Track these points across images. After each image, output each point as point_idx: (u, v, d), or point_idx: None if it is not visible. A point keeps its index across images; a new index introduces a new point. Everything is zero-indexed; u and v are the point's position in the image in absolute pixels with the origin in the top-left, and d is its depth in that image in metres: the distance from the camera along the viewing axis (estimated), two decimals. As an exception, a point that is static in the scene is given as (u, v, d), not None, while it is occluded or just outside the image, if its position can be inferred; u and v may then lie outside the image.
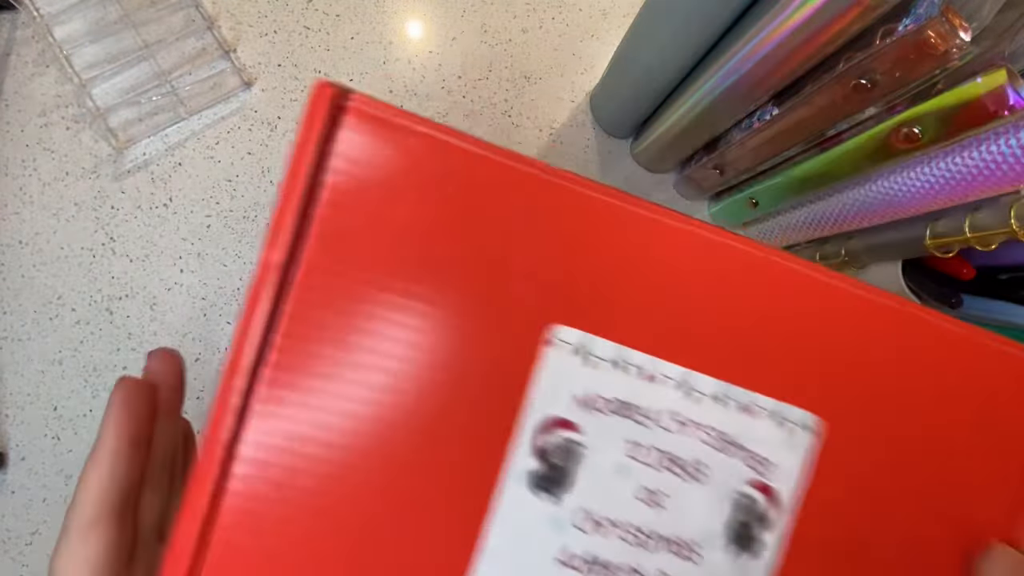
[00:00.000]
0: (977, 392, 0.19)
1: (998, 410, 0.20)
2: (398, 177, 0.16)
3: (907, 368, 0.19)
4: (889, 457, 0.19)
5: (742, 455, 0.18)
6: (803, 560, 0.18)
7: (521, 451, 0.17)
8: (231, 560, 0.16)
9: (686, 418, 0.18)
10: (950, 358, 0.19)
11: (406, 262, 0.16)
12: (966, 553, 0.19)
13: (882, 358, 0.19)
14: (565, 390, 0.17)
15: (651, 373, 0.18)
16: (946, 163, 0.27)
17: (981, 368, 0.20)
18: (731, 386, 0.18)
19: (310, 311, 0.16)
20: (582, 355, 0.17)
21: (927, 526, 0.19)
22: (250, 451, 0.16)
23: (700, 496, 0.18)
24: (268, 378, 0.16)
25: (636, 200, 0.17)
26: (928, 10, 0.23)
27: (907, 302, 0.19)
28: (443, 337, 0.17)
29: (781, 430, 0.19)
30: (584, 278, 0.17)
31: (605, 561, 0.18)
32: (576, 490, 0.17)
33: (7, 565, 0.33)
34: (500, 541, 0.17)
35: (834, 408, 0.18)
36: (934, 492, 0.19)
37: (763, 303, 0.18)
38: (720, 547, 0.18)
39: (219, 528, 0.16)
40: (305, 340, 0.16)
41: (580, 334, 0.17)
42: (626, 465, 0.18)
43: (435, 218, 0.16)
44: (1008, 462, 0.19)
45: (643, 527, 0.18)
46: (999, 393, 0.20)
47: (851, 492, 0.19)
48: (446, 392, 0.17)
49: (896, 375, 0.19)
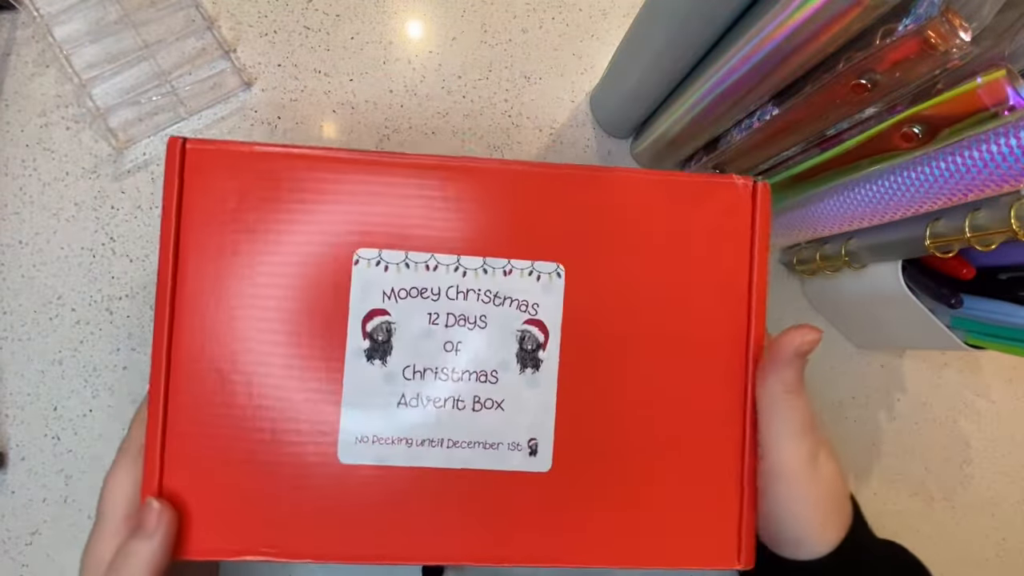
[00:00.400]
0: (689, 225, 0.27)
1: (713, 235, 0.27)
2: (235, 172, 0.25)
3: (625, 218, 0.26)
4: (627, 281, 0.26)
5: (514, 303, 0.26)
6: (573, 366, 0.26)
7: (354, 335, 0.25)
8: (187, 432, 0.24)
9: (464, 288, 0.26)
10: (656, 202, 0.27)
11: (260, 217, 0.25)
12: (705, 337, 0.26)
13: (606, 215, 0.26)
14: (375, 289, 0.25)
15: (432, 264, 0.26)
16: (946, 163, 0.27)
17: (685, 206, 0.27)
18: (492, 259, 0.26)
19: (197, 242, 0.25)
20: (381, 264, 0.25)
21: (668, 325, 0.26)
22: (182, 358, 0.24)
23: (489, 338, 0.26)
24: (182, 292, 0.24)
25: (401, 155, 0.25)
26: (928, 10, 0.23)
27: (614, 169, 0.27)
28: (292, 265, 0.25)
29: (538, 280, 0.26)
30: (372, 214, 0.25)
31: (431, 396, 0.25)
32: (398, 354, 0.25)
33: (7, 565, 0.33)
34: (354, 398, 0.25)
35: (574, 257, 0.26)
36: (668, 301, 0.26)
37: (505, 199, 0.26)
38: (513, 369, 0.26)
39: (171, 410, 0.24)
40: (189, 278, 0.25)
41: (375, 251, 0.25)
42: (429, 329, 0.25)
43: (264, 194, 0.25)
44: (731, 284, 0.26)
45: (453, 368, 0.25)
46: (710, 224, 0.27)
47: (601, 310, 0.26)
48: (301, 299, 0.25)
49: (617, 225, 0.26)
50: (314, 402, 0.25)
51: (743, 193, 0.26)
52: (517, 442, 0.25)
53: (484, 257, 0.26)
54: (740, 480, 0.26)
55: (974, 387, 0.48)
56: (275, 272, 0.25)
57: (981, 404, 0.48)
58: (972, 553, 0.46)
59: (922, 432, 0.46)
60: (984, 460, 0.47)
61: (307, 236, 0.25)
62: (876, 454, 0.45)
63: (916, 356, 0.47)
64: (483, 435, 0.25)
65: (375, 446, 0.25)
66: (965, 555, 0.46)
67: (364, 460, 0.25)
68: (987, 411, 0.48)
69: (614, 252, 0.26)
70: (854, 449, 0.45)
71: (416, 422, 0.25)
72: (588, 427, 0.26)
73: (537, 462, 0.25)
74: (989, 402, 0.48)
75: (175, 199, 0.24)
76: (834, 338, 0.45)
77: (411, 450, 0.25)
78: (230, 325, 0.25)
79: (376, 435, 0.25)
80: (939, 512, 0.46)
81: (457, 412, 0.25)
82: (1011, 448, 0.48)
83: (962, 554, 0.46)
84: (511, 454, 0.25)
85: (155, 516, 0.23)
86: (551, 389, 0.26)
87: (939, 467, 0.46)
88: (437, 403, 0.25)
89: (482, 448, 0.25)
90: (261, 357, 0.25)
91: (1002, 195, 0.27)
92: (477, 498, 0.25)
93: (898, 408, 0.46)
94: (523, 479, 0.25)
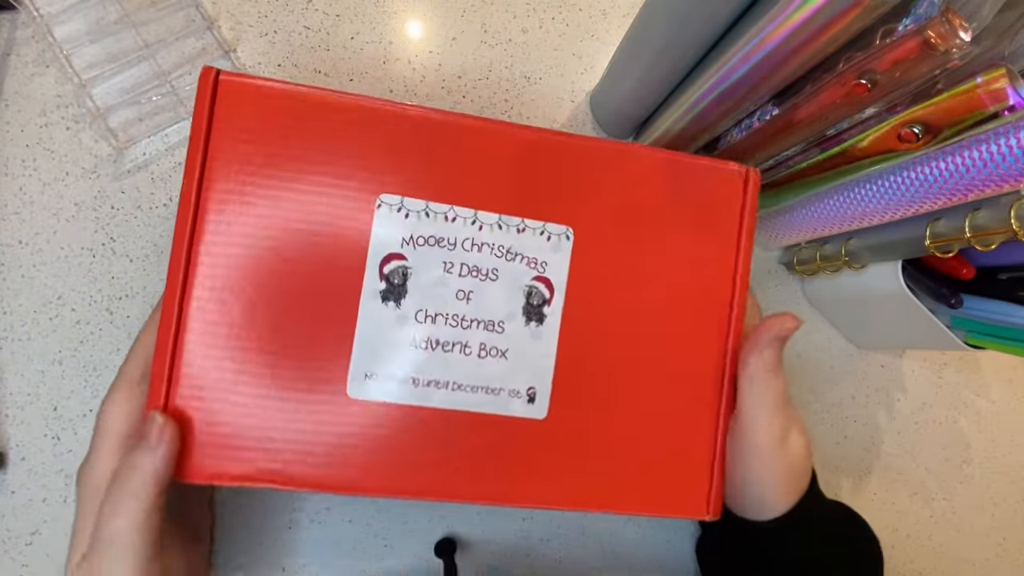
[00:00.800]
0: (687, 200, 0.29)
1: (707, 215, 0.29)
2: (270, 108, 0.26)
3: (631, 190, 0.28)
4: (629, 248, 0.28)
5: (524, 260, 0.27)
6: (574, 323, 0.28)
7: (371, 276, 0.26)
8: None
9: (480, 241, 0.27)
10: (660, 178, 0.29)
11: (287, 156, 0.26)
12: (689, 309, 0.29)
13: (614, 187, 0.28)
14: (395, 234, 0.26)
15: (451, 216, 0.27)
16: (946, 163, 0.27)
17: (685, 183, 0.29)
18: (507, 216, 0.27)
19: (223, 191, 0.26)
20: (403, 211, 0.26)
21: (661, 291, 0.28)
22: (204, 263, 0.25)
23: (499, 290, 0.27)
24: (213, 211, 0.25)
25: (432, 109, 0.27)
26: (928, 10, 0.23)
27: (625, 144, 0.29)
28: (315, 203, 0.26)
29: (548, 241, 0.28)
30: (398, 162, 0.26)
31: (440, 340, 0.27)
32: (411, 298, 0.26)
33: (7, 565, 0.33)
34: (366, 335, 0.26)
35: (583, 222, 0.28)
36: (664, 270, 0.28)
37: (522, 160, 0.27)
38: (519, 321, 0.27)
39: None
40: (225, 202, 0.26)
41: (398, 198, 0.26)
42: (443, 277, 0.27)
43: (293, 132, 0.26)
44: (720, 259, 0.29)
45: (463, 315, 0.27)
46: (706, 202, 0.29)
47: (603, 274, 0.28)
48: (322, 237, 0.26)
49: (624, 197, 0.28)
50: (327, 337, 0.26)
51: (736, 177, 0.30)
52: (517, 389, 0.27)
53: (500, 214, 0.27)
54: (713, 439, 0.29)
55: (974, 387, 0.48)
56: (298, 208, 0.26)
57: (981, 404, 0.48)
58: (972, 553, 0.46)
59: (922, 432, 0.46)
60: (984, 460, 0.47)
61: (332, 177, 0.26)
62: (876, 454, 0.45)
63: (916, 356, 0.47)
64: (486, 380, 0.27)
65: (383, 383, 0.26)
66: (965, 555, 0.46)
67: (371, 396, 0.26)
68: (987, 411, 0.48)
69: (620, 221, 0.28)
70: (854, 449, 0.45)
71: (424, 364, 0.26)
72: (583, 381, 0.28)
73: (534, 409, 0.27)
74: (989, 402, 0.48)
75: (204, 129, 0.25)
76: (834, 338, 0.45)
77: (417, 390, 0.26)
78: (249, 254, 0.25)
79: (385, 373, 0.26)
80: (939, 512, 0.46)
81: (464, 357, 0.27)
82: (1011, 448, 0.48)
83: (962, 554, 0.46)
84: (511, 400, 0.27)
85: (158, 429, 0.23)
86: (552, 342, 0.27)
87: (939, 467, 0.46)
88: (446, 347, 0.26)
89: (484, 393, 0.27)
90: (278, 289, 0.25)
91: (1002, 195, 0.27)
92: (476, 440, 0.27)
93: (898, 408, 0.46)
94: (520, 425, 0.27)
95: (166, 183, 0.37)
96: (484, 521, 0.39)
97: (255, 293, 0.25)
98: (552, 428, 0.27)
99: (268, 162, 0.26)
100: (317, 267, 0.26)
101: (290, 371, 0.25)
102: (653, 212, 0.28)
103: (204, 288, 0.25)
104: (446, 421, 0.26)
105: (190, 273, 0.25)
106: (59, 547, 0.34)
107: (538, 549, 0.39)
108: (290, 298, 0.25)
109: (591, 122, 0.43)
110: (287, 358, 0.25)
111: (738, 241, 0.29)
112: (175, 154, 0.38)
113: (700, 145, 0.38)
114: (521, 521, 0.39)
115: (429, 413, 0.26)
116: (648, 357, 0.28)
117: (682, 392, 0.28)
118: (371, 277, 0.26)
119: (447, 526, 0.38)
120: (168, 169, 0.37)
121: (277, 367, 0.25)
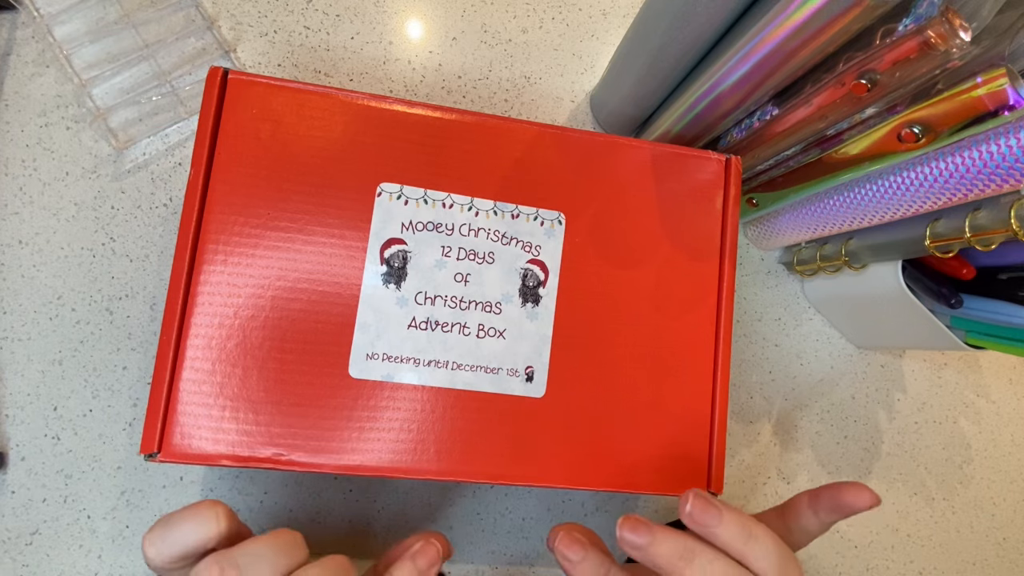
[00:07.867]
0: (674, 188, 0.31)
1: (693, 199, 0.31)
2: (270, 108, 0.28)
3: (619, 179, 0.30)
4: (619, 233, 0.30)
5: (519, 244, 0.28)
6: (569, 303, 0.29)
7: (372, 260, 0.27)
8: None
9: (476, 227, 0.28)
10: (646, 167, 0.30)
11: (294, 157, 0.27)
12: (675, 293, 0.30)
13: (604, 176, 0.30)
14: (395, 220, 0.28)
15: (448, 203, 0.28)
16: (946, 163, 0.27)
17: (671, 172, 0.31)
18: (502, 203, 0.29)
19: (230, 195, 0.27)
20: (402, 198, 0.28)
21: (652, 275, 0.30)
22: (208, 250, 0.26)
23: (495, 273, 0.28)
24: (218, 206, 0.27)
25: (430, 106, 0.29)
26: (928, 10, 0.23)
27: (612, 136, 0.31)
28: (318, 194, 0.27)
29: (542, 226, 0.29)
30: (397, 152, 0.28)
31: (440, 321, 0.27)
32: (411, 280, 0.27)
33: (7, 565, 0.33)
34: (368, 317, 0.27)
35: (575, 208, 0.29)
36: (652, 254, 0.30)
37: (518, 150, 0.29)
38: (515, 302, 0.28)
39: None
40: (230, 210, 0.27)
41: (398, 186, 0.28)
42: (442, 261, 0.28)
43: (297, 127, 0.27)
44: (704, 243, 0.30)
45: (462, 297, 0.28)
46: (691, 189, 0.31)
47: (595, 257, 0.29)
48: (324, 223, 0.27)
49: (613, 185, 0.30)
50: (329, 317, 0.27)
51: (718, 166, 0.31)
52: (515, 368, 0.28)
53: (495, 201, 0.29)
54: (711, 415, 0.29)
55: (974, 387, 0.48)
56: (301, 197, 0.27)
57: (981, 404, 0.48)
58: (972, 553, 0.46)
59: (922, 432, 0.46)
60: (984, 460, 0.47)
61: (334, 167, 0.27)
62: (876, 454, 0.45)
63: (916, 356, 0.47)
64: (485, 360, 0.28)
65: (384, 363, 0.27)
66: (965, 555, 0.46)
67: (373, 375, 0.27)
68: (987, 411, 0.48)
69: (610, 208, 0.30)
70: (854, 449, 0.45)
71: (424, 344, 0.27)
72: (580, 360, 0.28)
73: (533, 388, 0.28)
74: (989, 402, 0.48)
75: (211, 125, 0.26)
76: (834, 338, 0.45)
77: (418, 369, 0.27)
78: (255, 241, 0.26)
79: (386, 353, 0.27)
80: (939, 512, 0.46)
81: (463, 337, 0.27)
82: (1011, 448, 0.48)
83: (962, 554, 0.46)
84: (509, 380, 0.28)
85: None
86: (548, 323, 0.28)
87: (939, 467, 0.46)
88: (445, 328, 0.27)
89: (483, 372, 0.27)
90: (282, 272, 0.27)
91: (1002, 195, 0.27)
92: (476, 418, 0.27)
93: (898, 408, 0.46)
94: (519, 404, 0.28)
95: (166, 183, 0.37)
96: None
97: (259, 275, 0.27)
98: (550, 406, 0.28)
99: (274, 154, 0.27)
100: (321, 251, 0.27)
101: (294, 350, 0.26)
102: (641, 198, 0.30)
103: (208, 270, 0.26)
104: (446, 400, 0.27)
105: (197, 252, 0.26)
106: (59, 547, 0.34)
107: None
108: (294, 279, 0.27)
109: (591, 122, 0.43)
110: (291, 337, 0.26)
111: (723, 223, 0.31)
112: (175, 154, 0.38)
113: (700, 145, 0.38)
114: (520, 534, 0.39)
115: (430, 392, 0.27)
116: (642, 337, 0.29)
117: (676, 368, 0.29)
118: (372, 260, 0.27)
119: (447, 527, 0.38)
120: (168, 169, 0.37)
121: (280, 346, 0.26)
